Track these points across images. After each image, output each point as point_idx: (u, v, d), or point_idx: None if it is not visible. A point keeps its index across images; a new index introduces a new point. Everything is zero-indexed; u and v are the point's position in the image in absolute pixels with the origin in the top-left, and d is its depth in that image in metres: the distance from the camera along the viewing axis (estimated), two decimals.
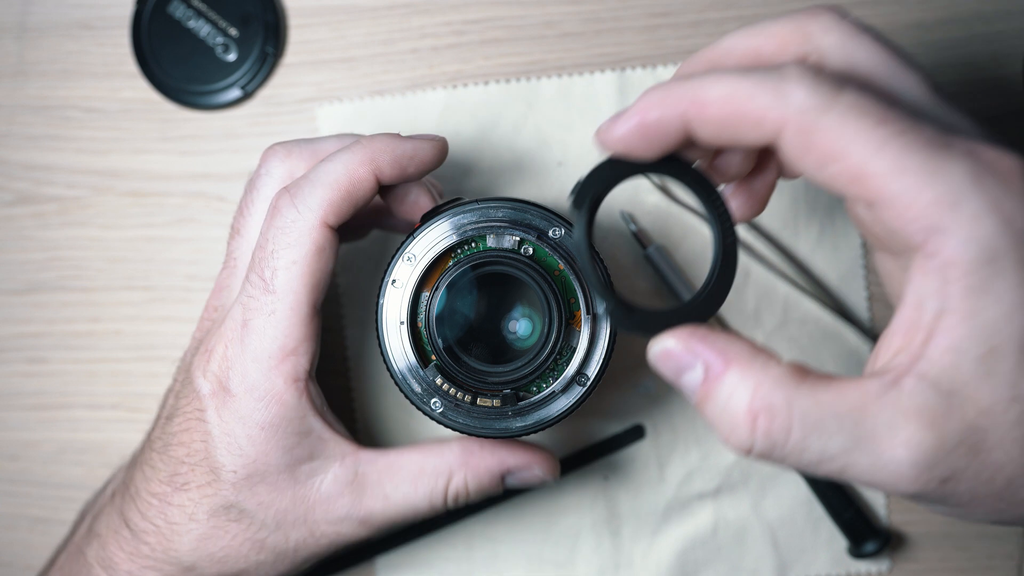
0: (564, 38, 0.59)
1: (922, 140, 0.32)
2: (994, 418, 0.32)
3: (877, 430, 0.33)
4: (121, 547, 0.47)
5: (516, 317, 0.45)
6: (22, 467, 0.61)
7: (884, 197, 0.32)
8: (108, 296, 0.60)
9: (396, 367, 0.44)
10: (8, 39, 0.61)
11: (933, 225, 0.32)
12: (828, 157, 0.33)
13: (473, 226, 0.44)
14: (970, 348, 0.32)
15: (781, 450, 0.34)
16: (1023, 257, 0.31)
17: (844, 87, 0.33)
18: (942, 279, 0.32)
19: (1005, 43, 0.59)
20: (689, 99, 0.35)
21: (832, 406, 0.33)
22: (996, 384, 0.32)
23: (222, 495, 0.45)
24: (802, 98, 0.33)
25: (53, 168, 0.61)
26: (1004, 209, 0.31)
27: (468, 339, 0.45)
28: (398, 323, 0.44)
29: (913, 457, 0.32)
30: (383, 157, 0.44)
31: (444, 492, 0.46)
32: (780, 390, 0.34)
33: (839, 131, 0.32)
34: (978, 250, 0.31)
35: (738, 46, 0.38)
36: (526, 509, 0.59)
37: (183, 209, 0.60)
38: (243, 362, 0.44)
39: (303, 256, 0.43)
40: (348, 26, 0.60)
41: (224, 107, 0.60)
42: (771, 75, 0.33)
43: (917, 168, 0.31)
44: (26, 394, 0.61)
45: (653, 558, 0.58)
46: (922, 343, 0.33)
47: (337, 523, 0.45)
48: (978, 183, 0.31)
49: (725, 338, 0.35)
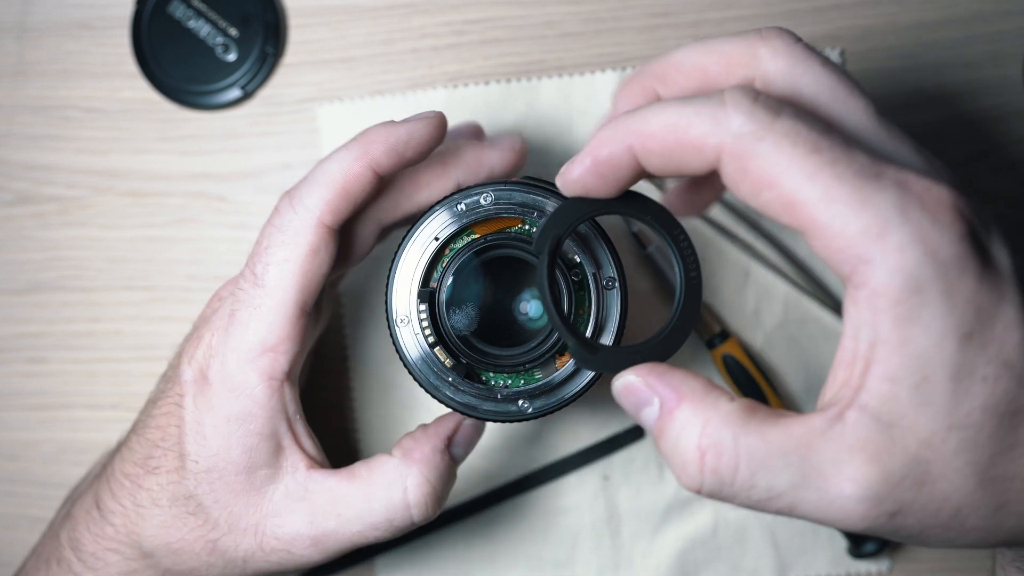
0: (564, 38, 0.59)
1: (852, 170, 0.32)
2: (935, 449, 0.33)
3: (823, 466, 0.33)
4: (88, 527, 0.47)
5: (527, 299, 0.45)
6: (22, 467, 0.61)
7: (814, 226, 0.32)
8: (108, 296, 0.60)
9: (410, 357, 0.44)
10: (8, 39, 0.61)
11: (859, 255, 0.32)
12: (762, 184, 0.33)
13: (479, 212, 0.44)
14: (904, 378, 0.32)
15: (730, 488, 0.34)
16: (948, 287, 0.32)
17: (780, 113, 0.33)
18: (872, 309, 0.32)
19: (1005, 43, 0.59)
20: (634, 132, 0.35)
21: (778, 443, 0.33)
22: (933, 414, 0.32)
23: (184, 484, 0.45)
24: (738, 124, 0.33)
25: (53, 168, 0.61)
26: (929, 240, 0.32)
27: (481, 324, 0.44)
28: (409, 314, 0.44)
29: (860, 493, 0.33)
30: (377, 148, 0.43)
31: (404, 502, 0.44)
32: (728, 428, 0.34)
33: (772, 158, 0.32)
34: (903, 280, 0.32)
35: (686, 62, 0.38)
36: (526, 509, 0.59)
37: (183, 209, 0.60)
38: (223, 352, 0.44)
39: (297, 255, 0.43)
40: (348, 26, 0.60)
41: (224, 107, 0.60)
42: (710, 102, 0.34)
43: (846, 198, 0.32)
44: (26, 394, 0.61)
45: (653, 558, 0.58)
46: (861, 374, 0.33)
47: (288, 541, 0.44)
48: (904, 214, 0.32)
49: (681, 375, 0.36)
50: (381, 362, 0.59)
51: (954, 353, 0.32)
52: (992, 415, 0.32)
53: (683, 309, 0.39)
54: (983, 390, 0.32)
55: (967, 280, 0.32)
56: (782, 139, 0.32)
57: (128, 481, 0.47)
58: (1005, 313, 0.32)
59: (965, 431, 0.32)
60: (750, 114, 0.33)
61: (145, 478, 0.46)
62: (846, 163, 0.32)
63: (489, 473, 0.59)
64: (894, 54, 0.59)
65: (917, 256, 0.31)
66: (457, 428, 0.46)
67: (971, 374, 0.32)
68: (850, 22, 0.59)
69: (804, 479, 0.33)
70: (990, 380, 0.32)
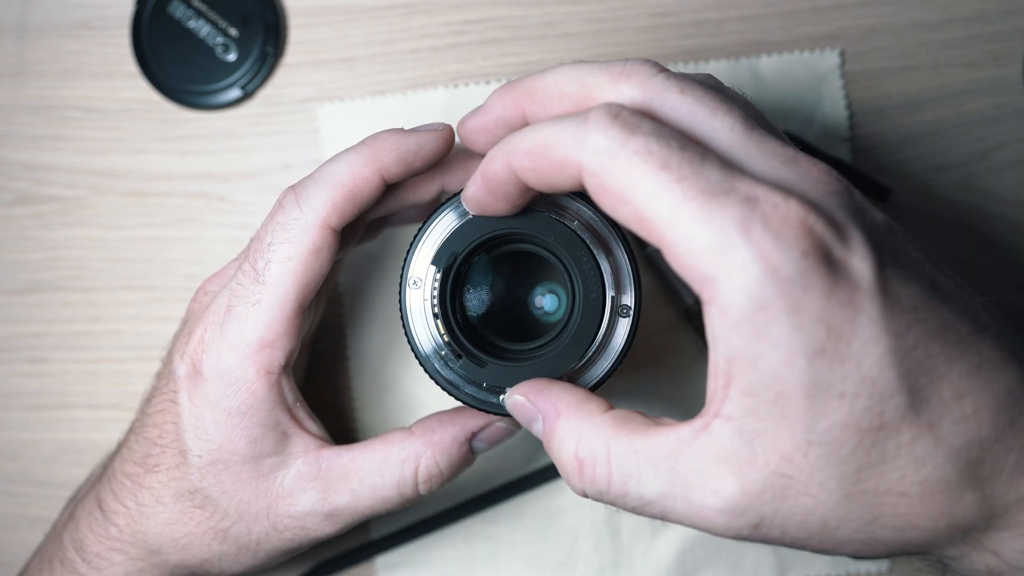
0: (564, 38, 0.59)
1: (699, 187, 0.32)
2: (795, 463, 0.33)
3: (689, 476, 0.34)
4: (92, 528, 0.48)
5: (542, 293, 0.45)
6: (22, 467, 0.61)
7: (665, 242, 0.33)
8: (108, 296, 0.60)
9: (423, 351, 0.43)
10: (8, 39, 0.61)
11: (705, 273, 0.32)
12: (617, 199, 0.34)
13: None
14: (760, 392, 0.32)
15: (608, 495, 0.36)
16: (793, 305, 0.32)
17: (636, 131, 0.34)
18: (723, 325, 0.32)
19: (1005, 43, 0.59)
20: (511, 151, 0.37)
21: (647, 453, 0.35)
22: (791, 428, 0.32)
23: (188, 479, 0.45)
24: (595, 142, 0.34)
25: (53, 168, 0.61)
26: (770, 258, 0.31)
27: (497, 320, 0.44)
28: (424, 313, 0.43)
29: (720, 505, 0.33)
30: (387, 155, 0.44)
31: (414, 478, 0.45)
32: (600, 438, 0.36)
33: (624, 175, 0.33)
34: (747, 298, 0.32)
35: (555, 85, 0.39)
36: (526, 509, 0.59)
37: (183, 209, 0.60)
38: (219, 347, 0.44)
39: (299, 253, 0.43)
40: (348, 26, 0.60)
41: (224, 107, 0.60)
42: (575, 120, 0.35)
43: (691, 215, 0.32)
44: (26, 394, 0.61)
45: (653, 558, 0.58)
46: (724, 386, 0.33)
47: (301, 518, 0.45)
48: (746, 231, 0.32)
49: (560, 389, 0.39)
50: (381, 362, 0.59)
51: (805, 370, 0.32)
52: (854, 431, 0.32)
53: (578, 328, 0.41)
54: (841, 406, 0.32)
55: (813, 297, 0.32)
56: (633, 156, 0.33)
57: (129, 481, 0.47)
58: (862, 328, 0.32)
59: (825, 447, 0.32)
60: (606, 132, 0.34)
61: (146, 477, 0.46)
62: (694, 180, 0.32)
63: (489, 473, 0.59)
64: (894, 54, 0.59)
65: (757, 274, 0.31)
66: (486, 427, 0.47)
67: (827, 391, 0.32)
68: (850, 22, 0.59)
69: (671, 488, 0.34)
70: (848, 396, 0.32)
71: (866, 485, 0.33)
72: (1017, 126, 0.59)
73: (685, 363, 0.59)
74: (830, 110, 0.59)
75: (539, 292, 0.45)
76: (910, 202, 0.59)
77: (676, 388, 0.58)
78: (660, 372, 0.59)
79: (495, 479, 0.59)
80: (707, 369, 0.34)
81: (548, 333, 0.44)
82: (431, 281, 0.42)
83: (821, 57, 0.59)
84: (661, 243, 0.33)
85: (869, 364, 0.32)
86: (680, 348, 0.59)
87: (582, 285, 0.41)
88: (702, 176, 0.33)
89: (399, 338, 0.46)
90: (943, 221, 0.59)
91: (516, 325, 0.44)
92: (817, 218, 0.32)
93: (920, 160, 0.59)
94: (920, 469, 0.33)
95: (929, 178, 0.59)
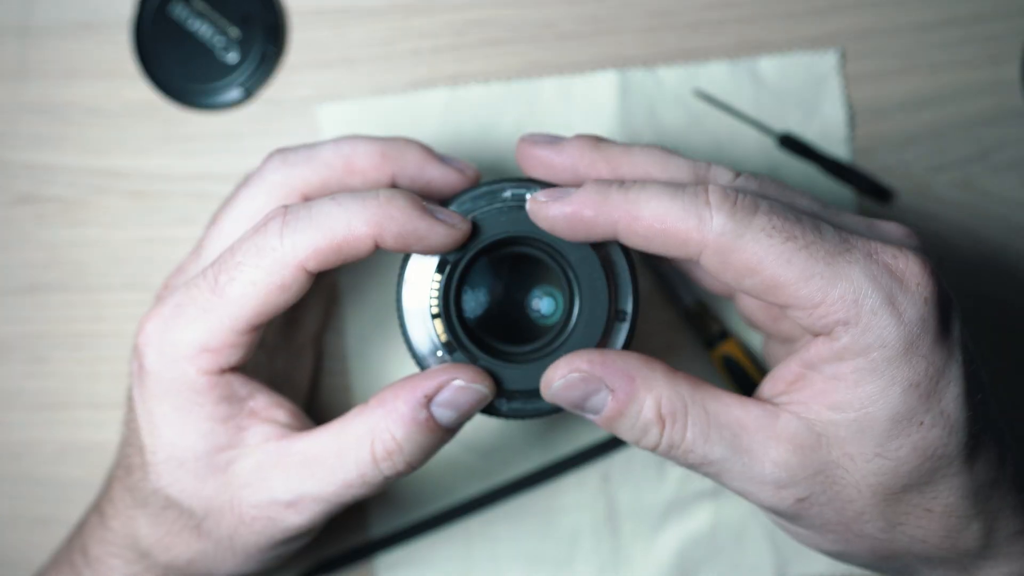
0: (564, 38, 0.59)
1: (825, 249, 0.37)
2: (855, 463, 0.38)
3: (752, 447, 0.39)
4: (92, 532, 0.48)
5: (539, 296, 0.45)
6: (24, 467, 0.61)
7: (797, 301, 0.38)
8: (109, 296, 0.61)
9: (420, 352, 0.43)
10: (10, 40, 0.61)
11: (839, 319, 0.37)
12: (744, 272, 0.38)
13: (482, 210, 0.43)
14: (848, 410, 0.38)
15: (677, 449, 0.39)
16: (909, 345, 0.37)
17: (757, 210, 0.38)
18: (838, 357, 0.38)
19: (1003, 44, 0.59)
20: (624, 211, 0.39)
21: (718, 416, 0.39)
22: (864, 440, 0.38)
23: (148, 480, 0.44)
24: (720, 223, 0.37)
25: (55, 168, 0.61)
26: (897, 304, 0.37)
27: (493, 322, 0.44)
28: (421, 315, 0.43)
29: (776, 474, 0.39)
30: (391, 226, 0.40)
31: (371, 456, 0.41)
32: (679, 397, 0.39)
33: (753, 250, 0.37)
34: (873, 338, 0.37)
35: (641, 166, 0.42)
36: (526, 509, 0.59)
37: (184, 209, 0.60)
38: (160, 342, 0.42)
39: (266, 283, 0.41)
40: (348, 26, 0.60)
41: (225, 107, 0.60)
42: (693, 200, 0.38)
43: (821, 274, 0.37)
44: (28, 394, 0.61)
45: (653, 557, 0.58)
46: (809, 397, 0.39)
47: (264, 507, 0.43)
48: (875, 282, 0.37)
49: (618, 355, 0.40)
50: (381, 362, 0.59)
51: (899, 398, 0.37)
52: (920, 455, 0.38)
53: (580, 334, 0.42)
54: (918, 432, 0.38)
55: (925, 339, 0.37)
56: (759, 233, 0.37)
57: (117, 484, 0.47)
58: (951, 370, 0.38)
59: (890, 461, 0.38)
60: (731, 214, 0.37)
61: (127, 478, 0.46)
62: (818, 244, 0.37)
63: (489, 473, 0.59)
64: (894, 54, 0.59)
65: (887, 318, 0.37)
66: (441, 387, 0.41)
67: (911, 418, 0.38)
68: (850, 22, 0.59)
69: (734, 453, 0.39)
70: (926, 426, 0.38)
71: (906, 497, 0.39)
72: (1016, 126, 0.59)
73: (685, 363, 0.59)
74: (830, 110, 0.59)
75: (536, 295, 0.45)
76: (910, 202, 0.59)
77: None
78: None
79: (495, 479, 0.59)
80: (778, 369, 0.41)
81: (544, 336, 0.44)
82: (430, 282, 0.42)
83: (821, 57, 0.59)
84: (793, 303, 0.38)
85: (948, 400, 0.38)
86: (680, 348, 0.59)
87: (580, 289, 0.41)
88: (825, 239, 0.38)
89: (399, 338, 0.46)
90: (943, 221, 0.59)
91: (512, 327, 0.44)
92: (929, 262, 0.38)
93: (920, 160, 0.59)
94: (950, 495, 0.39)
95: (929, 178, 0.59)
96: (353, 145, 0.46)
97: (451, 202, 0.43)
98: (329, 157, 0.45)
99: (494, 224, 0.42)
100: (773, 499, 0.39)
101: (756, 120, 0.59)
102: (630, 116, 0.59)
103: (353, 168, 0.45)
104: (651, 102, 0.59)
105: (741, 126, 0.59)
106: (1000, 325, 0.59)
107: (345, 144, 0.46)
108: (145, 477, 0.44)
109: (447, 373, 0.41)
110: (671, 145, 0.58)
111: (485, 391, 0.42)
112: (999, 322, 0.59)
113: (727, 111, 0.59)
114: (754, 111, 0.59)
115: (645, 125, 0.59)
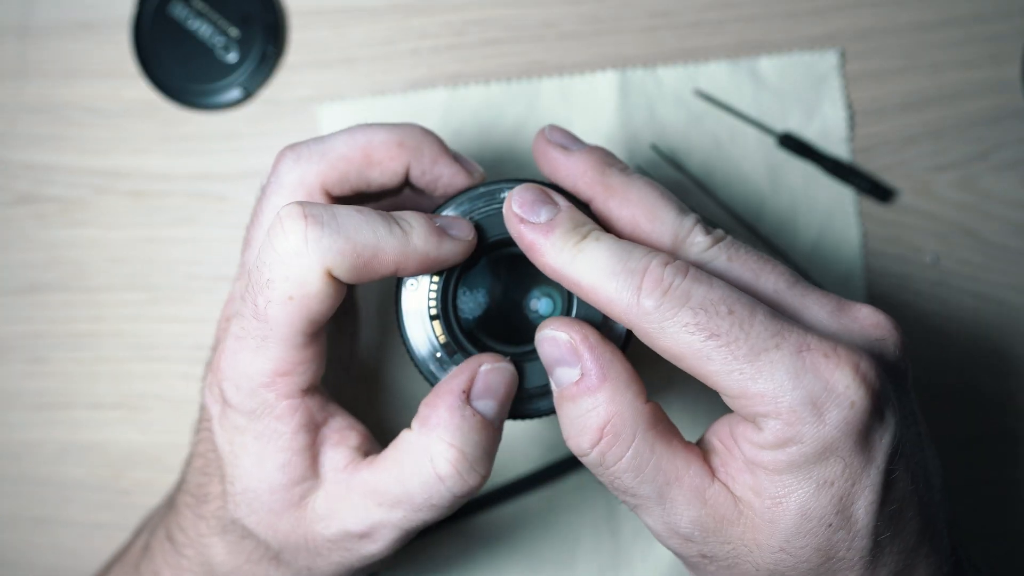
0: (564, 38, 0.59)
1: (748, 347, 0.37)
2: (762, 552, 0.38)
3: (678, 500, 0.39)
4: (166, 560, 0.47)
5: (537, 296, 0.45)
6: (24, 467, 0.61)
7: (719, 390, 0.38)
8: (109, 296, 0.61)
9: (419, 354, 0.43)
10: (10, 39, 0.61)
11: (758, 412, 0.37)
12: (668, 355, 0.38)
13: (480, 211, 0.43)
14: (765, 495, 0.38)
15: (605, 468, 0.39)
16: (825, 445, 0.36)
17: (683, 306, 0.38)
18: (759, 445, 0.38)
19: (1004, 43, 0.59)
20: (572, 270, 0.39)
21: (660, 461, 0.39)
22: (774, 531, 0.38)
23: (227, 509, 0.44)
24: (647, 311, 0.38)
25: (54, 168, 0.61)
26: (819, 404, 0.36)
27: (492, 323, 0.44)
28: (419, 316, 0.43)
29: (690, 531, 0.39)
30: (412, 257, 0.40)
31: (435, 475, 0.41)
32: (632, 426, 0.39)
33: (673, 343, 0.38)
34: (793, 434, 0.36)
35: (638, 204, 0.42)
36: (526, 509, 0.59)
37: (184, 209, 0.60)
38: (236, 376, 0.42)
39: (301, 295, 0.39)
40: (348, 26, 0.60)
41: (225, 107, 0.60)
42: (630, 281, 0.38)
43: (741, 371, 0.37)
44: (28, 394, 0.61)
45: (653, 558, 0.58)
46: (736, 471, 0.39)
47: (339, 540, 0.43)
48: (797, 380, 0.36)
49: (612, 354, 0.40)
50: (381, 363, 0.59)
51: (811, 494, 0.37)
52: (822, 555, 0.38)
53: None
54: (823, 533, 0.38)
55: (846, 443, 0.37)
56: (681, 330, 0.37)
57: (189, 512, 0.46)
58: (868, 476, 0.37)
59: (791, 557, 0.38)
60: (657, 306, 0.38)
61: (201, 507, 0.46)
62: (742, 342, 0.37)
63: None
64: (894, 54, 0.59)
65: (806, 417, 0.36)
66: (472, 378, 0.41)
67: (820, 517, 0.37)
68: (850, 22, 0.59)
69: (659, 498, 0.39)
70: (832, 528, 0.37)
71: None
72: (1016, 126, 0.59)
73: None
74: (830, 110, 0.59)
75: (534, 295, 0.45)
76: (910, 202, 0.59)
77: (675, 388, 0.58)
78: (658, 372, 0.58)
79: (495, 479, 0.59)
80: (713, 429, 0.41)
81: None
82: (429, 282, 0.42)
83: (821, 57, 0.59)
84: (717, 390, 0.38)
85: (859, 506, 0.37)
86: None
87: None
88: (751, 336, 0.37)
89: (399, 339, 0.46)
90: (943, 221, 0.59)
91: (510, 328, 0.44)
92: (870, 365, 0.37)
93: (920, 160, 0.59)
94: None
95: (929, 178, 0.59)
96: (369, 135, 0.44)
97: (450, 202, 0.43)
98: (344, 149, 0.44)
99: (493, 225, 0.42)
100: (680, 547, 0.40)
101: (756, 120, 0.59)
102: (630, 116, 0.59)
103: (371, 159, 0.44)
104: (651, 102, 0.59)
105: (741, 126, 0.59)
106: (1000, 325, 0.59)
107: (360, 134, 0.44)
108: (224, 506, 0.44)
109: (469, 364, 0.42)
110: (671, 146, 0.58)
111: (512, 368, 0.42)
112: (999, 322, 0.59)
113: (727, 111, 0.59)
114: (754, 111, 0.59)
115: (645, 125, 0.59)
